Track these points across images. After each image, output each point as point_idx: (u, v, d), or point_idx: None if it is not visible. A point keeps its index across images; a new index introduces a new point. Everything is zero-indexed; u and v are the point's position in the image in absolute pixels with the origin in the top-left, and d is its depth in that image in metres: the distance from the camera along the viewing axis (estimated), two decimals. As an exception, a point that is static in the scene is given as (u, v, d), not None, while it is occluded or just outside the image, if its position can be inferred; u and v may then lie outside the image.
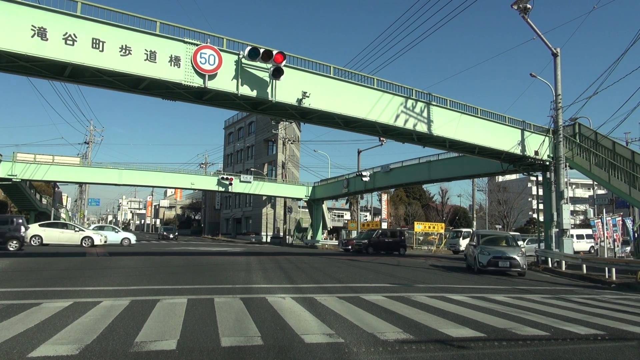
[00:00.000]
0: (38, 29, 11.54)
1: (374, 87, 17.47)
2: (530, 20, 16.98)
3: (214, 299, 7.74)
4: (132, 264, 15.07)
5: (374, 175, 35.99)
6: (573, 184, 59.95)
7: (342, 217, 67.47)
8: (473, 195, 47.01)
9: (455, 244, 35.94)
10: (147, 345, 4.70)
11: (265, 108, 16.60)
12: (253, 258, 19.70)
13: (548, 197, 20.99)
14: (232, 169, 61.60)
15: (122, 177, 36.49)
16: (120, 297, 7.74)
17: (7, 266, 12.92)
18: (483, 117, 20.37)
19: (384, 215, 48.11)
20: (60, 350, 4.40)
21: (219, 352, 4.55)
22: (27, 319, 5.82)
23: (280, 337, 5.20)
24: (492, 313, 7.26)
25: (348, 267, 16.06)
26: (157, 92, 14.90)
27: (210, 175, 43.82)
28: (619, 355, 5.10)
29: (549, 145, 21.27)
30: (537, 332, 5.89)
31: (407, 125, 18.01)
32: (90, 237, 25.76)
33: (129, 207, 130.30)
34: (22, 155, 32.77)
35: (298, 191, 44.65)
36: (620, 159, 19.23)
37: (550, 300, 9.29)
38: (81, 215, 54.06)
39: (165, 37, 13.48)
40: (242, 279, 11.18)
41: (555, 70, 19.18)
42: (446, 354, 4.78)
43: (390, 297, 8.63)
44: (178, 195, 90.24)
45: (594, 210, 35.64)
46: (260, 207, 55.14)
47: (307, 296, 8.49)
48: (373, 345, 4.96)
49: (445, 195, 62.70)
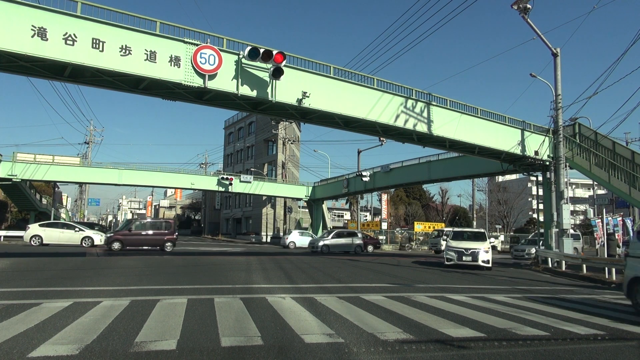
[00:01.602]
0: (38, 29, 11.55)
1: (374, 87, 17.47)
2: (530, 20, 16.98)
3: (214, 299, 7.74)
4: (132, 264, 15.06)
5: (374, 175, 35.99)
6: (573, 184, 59.94)
7: (342, 217, 67.54)
8: (473, 195, 47.08)
9: (436, 244, 34.31)
10: (147, 345, 4.71)
11: (265, 108, 16.60)
12: (253, 258, 19.70)
13: (548, 197, 21.00)
14: (232, 169, 61.58)
15: (122, 177, 36.50)
16: (120, 297, 7.74)
17: (7, 266, 12.91)
18: (483, 117, 20.38)
19: (384, 215, 48.12)
20: (60, 350, 4.40)
21: (219, 352, 4.55)
22: (27, 319, 5.83)
23: (280, 337, 5.20)
24: (492, 313, 7.26)
25: (348, 267, 16.06)
26: (157, 92, 14.90)
27: (210, 175, 43.83)
28: (619, 355, 5.11)
29: (549, 145, 21.28)
30: (537, 332, 5.89)
31: (407, 125, 18.02)
32: (90, 237, 25.78)
33: (129, 207, 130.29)
34: (22, 155, 32.79)
35: (298, 191, 44.66)
36: (620, 159, 19.23)
37: (550, 300, 9.29)
38: (81, 215, 54.11)
39: (165, 37, 13.48)
40: (242, 279, 11.18)
41: (555, 71, 19.18)
42: (446, 354, 4.79)
43: (390, 297, 8.63)
44: (178, 195, 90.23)
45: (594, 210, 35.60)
46: (260, 207, 55.13)
47: (307, 296, 8.49)
48: (373, 345, 4.96)
49: (445, 195, 62.71)
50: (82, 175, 35.77)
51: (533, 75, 21.00)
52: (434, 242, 35.63)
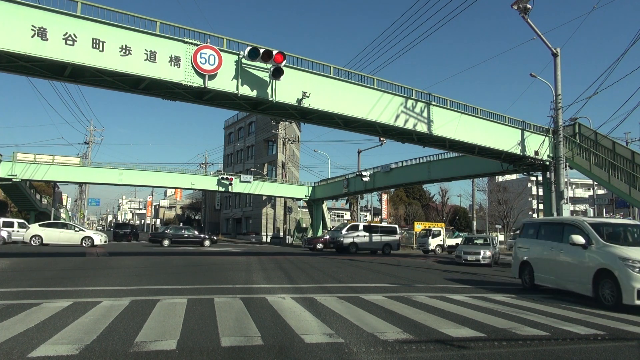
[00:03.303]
0: (38, 29, 11.54)
1: (374, 87, 17.47)
2: (530, 20, 16.96)
3: (214, 299, 7.74)
4: (132, 264, 15.07)
5: (374, 175, 35.98)
6: (573, 184, 59.96)
7: (342, 217, 67.50)
8: (473, 195, 47.05)
9: (424, 243, 33.90)
10: (147, 345, 4.70)
11: (265, 108, 16.60)
12: (253, 258, 19.70)
13: (548, 197, 20.99)
14: (232, 169, 61.59)
15: (122, 177, 36.51)
16: (121, 297, 7.74)
17: (7, 266, 12.91)
18: (483, 117, 20.38)
19: (384, 215, 48.16)
20: (60, 350, 4.40)
21: (219, 352, 4.55)
22: (27, 319, 5.82)
23: (281, 337, 5.20)
24: (492, 313, 7.26)
25: (348, 267, 16.06)
26: (157, 92, 14.90)
27: (210, 175, 43.83)
28: (619, 355, 5.10)
29: (549, 145, 21.27)
30: (537, 332, 5.89)
31: (407, 125, 18.02)
32: (90, 237, 25.81)
33: (129, 207, 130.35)
34: (22, 155, 32.80)
35: (298, 191, 44.65)
36: (620, 159, 19.23)
37: (550, 300, 9.29)
38: (81, 215, 54.11)
39: (165, 37, 13.48)
40: (242, 279, 11.18)
41: (555, 71, 19.17)
42: (446, 354, 4.78)
43: (390, 297, 8.63)
44: (178, 195, 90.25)
45: (594, 210, 35.63)
46: (260, 207, 55.14)
47: (307, 296, 8.49)
48: (373, 345, 4.96)
49: (445, 195, 62.75)
50: (82, 175, 35.78)
51: (533, 75, 20.99)
52: (421, 241, 35.11)
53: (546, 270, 10.16)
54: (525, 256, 11.05)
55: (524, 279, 11.12)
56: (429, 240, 33.53)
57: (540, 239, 10.72)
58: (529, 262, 10.87)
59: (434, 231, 35.01)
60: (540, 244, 10.61)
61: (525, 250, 11.16)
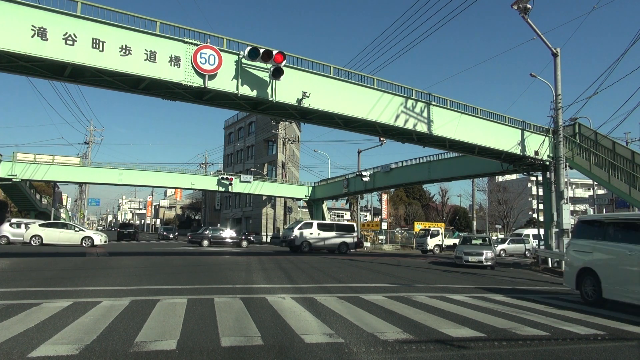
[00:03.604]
0: (38, 29, 11.54)
1: (374, 87, 17.47)
2: (530, 20, 16.96)
3: (214, 299, 7.74)
4: (132, 264, 15.06)
5: (374, 175, 35.98)
6: (573, 184, 59.92)
7: (342, 217, 67.49)
8: (473, 195, 47.06)
9: (423, 243, 33.76)
10: (147, 345, 4.71)
11: (265, 108, 16.60)
12: (253, 258, 19.70)
13: (548, 197, 20.99)
14: (232, 169, 61.57)
15: (122, 177, 36.50)
16: (121, 297, 7.74)
17: (7, 266, 12.91)
18: (483, 117, 20.37)
19: (384, 215, 48.15)
20: (60, 350, 4.40)
21: (219, 352, 4.55)
22: (27, 319, 5.82)
23: (281, 337, 5.20)
24: (492, 313, 7.26)
25: (348, 267, 16.06)
26: (157, 92, 14.90)
27: (210, 175, 43.84)
28: (619, 355, 5.11)
29: (549, 145, 21.27)
30: (537, 332, 5.89)
31: (407, 125, 18.01)
32: (90, 237, 25.79)
33: (129, 207, 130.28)
34: (22, 155, 32.79)
35: (298, 191, 44.65)
36: (620, 159, 19.23)
37: (550, 300, 9.29)
38: (81, 215, 54.11)
39: (165, 37, 13.47)
40: (242, 279, 11.18)
41: (555, 70, 19.17)
42: (446, 354, 4.78)
43: (390, 297, 8.63)
44: (178, 195, 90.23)
45: (594, 210, 35.60)
46: (260, 207, 55.11)
47: (307, 296, 8.49)
48: (373, 345, 4.96)
49: (445, 195, 62.75)
50: (82, 175, 35.77)
51: (533, 75, 21.01)
52: (420, 241, 35.06)
53: (621, 282, 8.05)
54: (586, 263, 8.89)
55: (584, 290, 8.93)
56: (427, 240, 33.54)
57: (609, 240, 8.61)
58: (592, 270, 8.69)
59: (432, 231, 34.98)
60: (610, 247, 8.51)
61: (585, 254, 9.03)
